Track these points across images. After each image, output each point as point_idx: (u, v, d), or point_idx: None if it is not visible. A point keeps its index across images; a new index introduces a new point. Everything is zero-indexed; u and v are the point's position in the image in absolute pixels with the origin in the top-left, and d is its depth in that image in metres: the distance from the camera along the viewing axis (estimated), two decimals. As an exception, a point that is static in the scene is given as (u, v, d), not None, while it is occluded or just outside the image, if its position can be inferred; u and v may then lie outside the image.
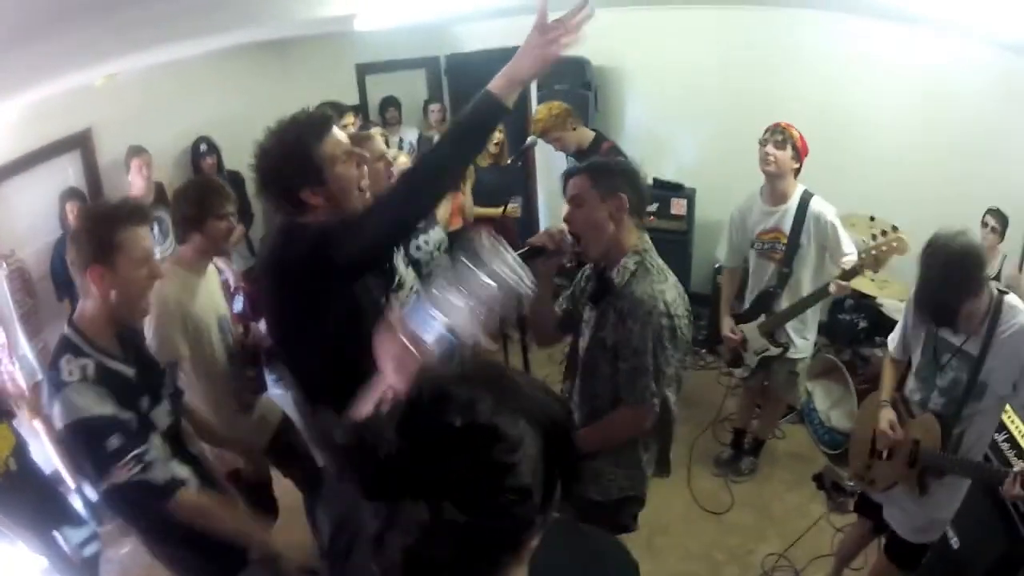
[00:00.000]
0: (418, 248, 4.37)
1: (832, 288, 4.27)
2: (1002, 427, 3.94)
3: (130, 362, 2.63)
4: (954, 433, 3.11)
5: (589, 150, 5.21)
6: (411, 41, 8.10)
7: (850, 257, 4.31)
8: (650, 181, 6.53)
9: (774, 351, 4.80)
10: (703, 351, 6.71)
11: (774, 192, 4.51)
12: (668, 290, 2.87)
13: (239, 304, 5.20)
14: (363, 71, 8.42)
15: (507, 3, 6.07)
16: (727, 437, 5.62)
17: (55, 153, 5.69)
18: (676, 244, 6.69)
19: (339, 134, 2.56)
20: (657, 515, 4.64)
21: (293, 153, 2.42)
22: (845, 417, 5.46)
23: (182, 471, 2.70)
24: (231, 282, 5.36)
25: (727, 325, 4.92)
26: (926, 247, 2.95)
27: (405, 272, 3.50)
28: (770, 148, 4.35)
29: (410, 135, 7.72)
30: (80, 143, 5.96)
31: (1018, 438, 3.80)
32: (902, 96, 6.06)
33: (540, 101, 6.41)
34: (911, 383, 3.40)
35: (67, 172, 5.86)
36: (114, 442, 2.39)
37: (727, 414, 5.67)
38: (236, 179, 5.73)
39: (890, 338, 3.62)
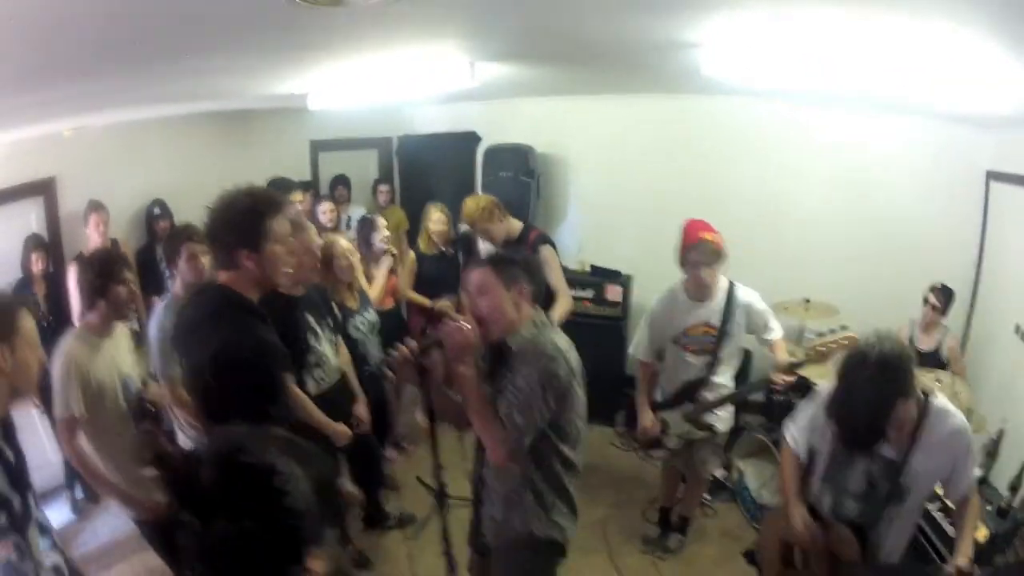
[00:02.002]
0: (356, 328, 4.91)
1: (777, 380, 4.33)
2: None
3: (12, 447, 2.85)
4: (871, 538, 3.01)
5: (518, 240, 5.41)
6: (365, 121, 8.30)
7: (776, 334, 4.47)
8: (588, 268, 7.60)
9: (699, 435, 4.81)
10: (628, 431, 6.62)
11: (700, 289, 4.56)
12: (559, 340, 3.06)
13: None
14: (317, 148, 8.68)
15: (454, 89, 6.49)
16: (654, 515, 5.52)
17: (18, 196, 5.88)
18: (611, 330, 6.91)
19: (286, 220, 2.93)
20: None
21: (245, 217, 2.81)
22: (776, 495, 5.37)
23: (53, 558, 2.87)
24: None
25: (647, 418, 4.89)
26: (847, 363, 2.83)
27: (327, 351, 4.25)
28: (704, 271, 4.41)
29: (357, 213, 7.64)
30: (43, 190, 6.12)
31: (951, 505, 3.72)
32: (835, 176, 6.43)
33: (485, 188, 6.71)
34: (817, 486, 3.25)
35: (29, 217, 6.02)
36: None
37: (654, 493, 5.67)
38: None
39: (789, 434, 3.44)
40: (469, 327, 2.89)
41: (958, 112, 5.38)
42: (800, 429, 3.38)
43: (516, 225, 5.50)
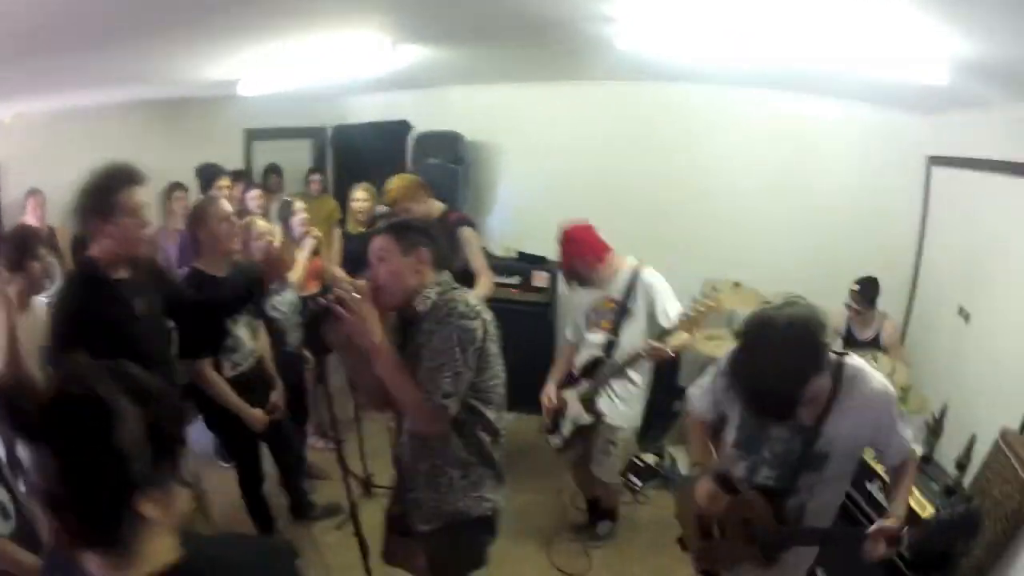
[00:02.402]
0: (275, 308, 5.06)
1: (645, 349, 4.42)
2: (874, 475, 4.02)
3: None
4: (791, 505, 2.85)
5: (438, 221, 5.45)
6: (300, 111, 8.53)
7: (670, 321, 4.43)
8: (515, 254, 7.63)
9: (586, 420, 4.80)
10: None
11: (596, 284, 4.75)
12: (470, 298, 3.09)
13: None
14: (252, 136, 8.75)
15: (380, 72, 6.64)
16: (583, 502, 5.46)
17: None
18: (538, 316, 7.01)
19: (139, 193, 3.25)
20: None
21: (98, 190, 3.19)
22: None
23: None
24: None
25: (547, 391, 4.97)
26: (749, 327, 2.58)
27: (244, 335, 4.40)
28: (578, 290, 4.84)
29: (287, 202, 8.21)
30: (-15, 175, 6.37)
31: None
32: (771, 161, 6.57)
33: (417, 174, 6.77)
34: (730, 453, 3.05)
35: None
36: None
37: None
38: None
39: (693, 396, 3.30)
40: (357, 295, 2.89)
41: (890, 90, 5.51)
42: (704, 392, 3.22)
43: (437, 206, 5.64)
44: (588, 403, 4.76)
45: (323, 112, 9.10)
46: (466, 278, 5.12)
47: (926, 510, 3.70)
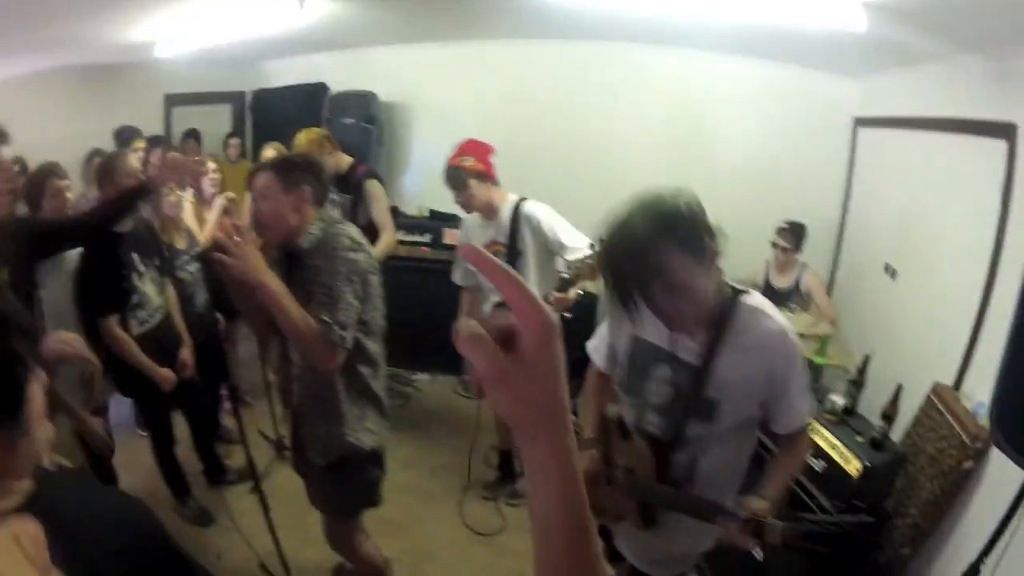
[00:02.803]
0: (183, 269, 5.00)
1: (549, 301, 4.18)
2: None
3: None
4: (678, 460, 2.59)
5: (347, 174, 5.65)
6: (219, 76, 8.79)
7: (577, 251, 4.28)
8: (426, 213, 7.67)
9: None
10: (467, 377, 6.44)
11: (467, 203, 4.76)
12: (352, 231, 3.17)
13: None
14: (172, 102, 8.93)
15: (305, 37, 7.06)
16: (495, 459, 5.48)
17: None
18: (450, 275, 6.70)
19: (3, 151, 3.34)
20: (424, 541, 4.75)
21: None
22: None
23: None
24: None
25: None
26: (621, 206, 2.37)
27: (149, 291, 4.36)
28: (458, 196, 4.73)
29: (207, 165, 8.04)
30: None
31: (815, 439, 3.67)
32: (682, 120, 6.77)
33: (331, 134, 6.83)
34: (622, 399, 2.83)
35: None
36: None
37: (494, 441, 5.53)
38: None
39: (591, 347, 3.04)
40: (238, 237, 2.90)
41: (817, 52, 5.80)
42: (600, 339, 2.97)
43: (345, 160, 5.75)
44: None
45: (243, 77, 9.26)
46: (371, 231, 5.28)
47: (851, 463, 3.61)
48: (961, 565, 2.60)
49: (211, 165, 6.18)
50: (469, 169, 4.63)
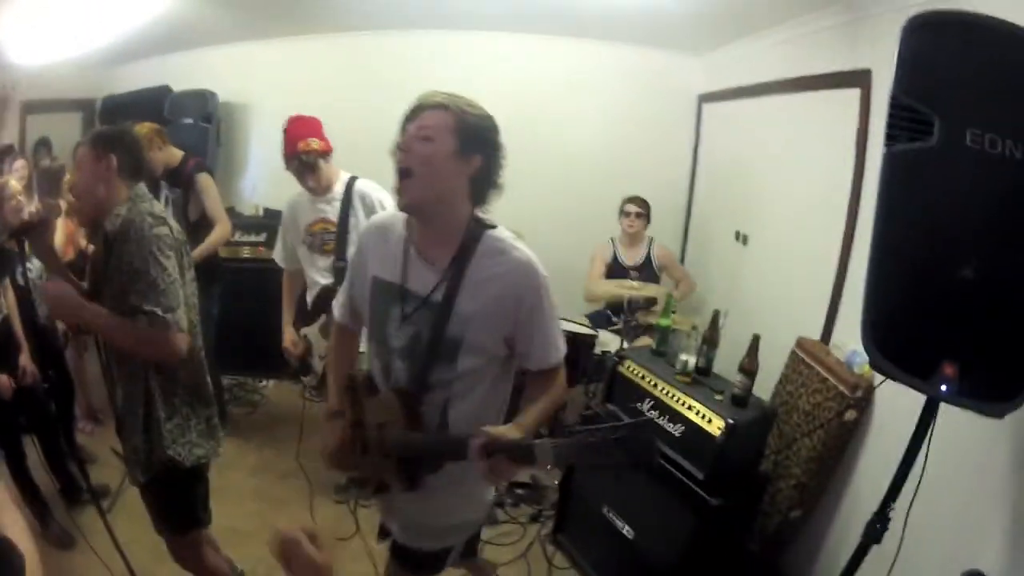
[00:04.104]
0: (24, 274, 4.71)
1: None
2: (645, 394, 3.76)
3: None
4: (427, 407, 2.44)
5: (178, 168, 5.51)
6: (71, 84, 8.63)
7: None
8: (261, 212, 7.52)
9: None
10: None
11: (318, 184, 4.48)
12: (156, 207, 2.95)
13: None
14: (26, 110, 8.63)
15: (149, 40, 6.95)
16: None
17: None
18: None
19: None
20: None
21: None
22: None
23: None
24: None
25: (288, 336, 4.62)
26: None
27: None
28: (307, 180, 4.48)
29: (58, 174, 7.71)
30: None
31: (669, 402, 3.61)
32: (535, 104, 6.77)
33: (169, 136, 6.86)
34: (371, 349, 2.63)
35: None
36: None
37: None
38: None
39: (335, 304, 2.85)
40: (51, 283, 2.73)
41: (657, 30, 5.91)
42: (342, 289, 2.82)
43: (176, 154, 5.59)
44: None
45: (93, 84, 9.11)
46: (204, 225, 5.27)
47: (711, 423, 3.34)
48: (862, 517, 2.46)
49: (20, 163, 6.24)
50: (319, 151, 4.44)
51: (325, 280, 4.52)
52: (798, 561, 3.84)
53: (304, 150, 4.38)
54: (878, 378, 2.54)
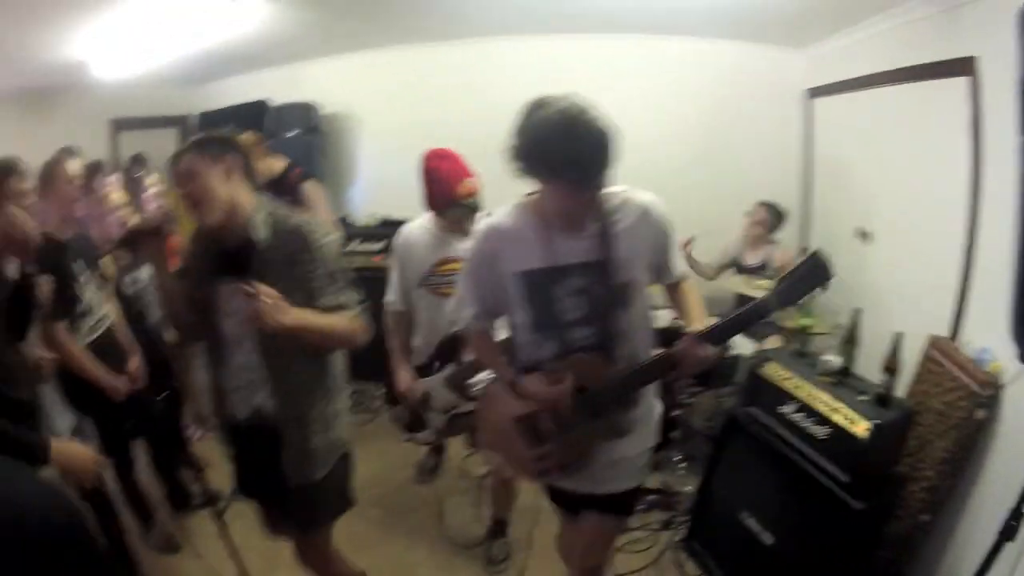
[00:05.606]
0: (131, 283, 4.85)
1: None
2: (789, 397, 3.70)
3: None
4: (620, 356, 2.69)
5: (281, 178, 5.38)
6: (165, 100, 8.77)
7: None
8: (377, 221, 7.57)
9: (469, 406, 3.98)
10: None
11: (472, 226, 3.85)
12: (311, 217, 2.98)
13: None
14: (118, 127, 8.84)
15: (244, 55, 6.99)
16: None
17: None
18: None
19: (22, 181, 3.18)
20: (400, 556, 4.50)
21: None
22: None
23: None
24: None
25: (405, 379, 4.20)
26: (536, 111, 2.43)
27: (94, 301, 4.06)
28: (467, 225, 3.97)
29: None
30: None
31: (814, 404, 3.54)
32: (648, 104, 6.65)
33: (273, 149, 6.93)
34: (529, 342, 2.79)
35: None
36: None
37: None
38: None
39: (467, 314, 2.90)
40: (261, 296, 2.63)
41: (760, 25, 5.73)
42: (475, 304, 2.88)
43: (279, 164, 5.49)
44: (462, 385, 4.06)
45: (188, 100, 9.15)
46: None
47: (857, 424, 3.27)
48: (985, 523, 2.49)
49: (151, 179, 6.26)
50: (478, 191, 3.99)
51: (450, 326, 4.04)
52: (922, 566, 3.70)
53: (469, 193, 3.96)
54: (1007, 376, 2.79)
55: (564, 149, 2.30)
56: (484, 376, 3.64)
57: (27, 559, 1.33)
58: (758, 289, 4.76)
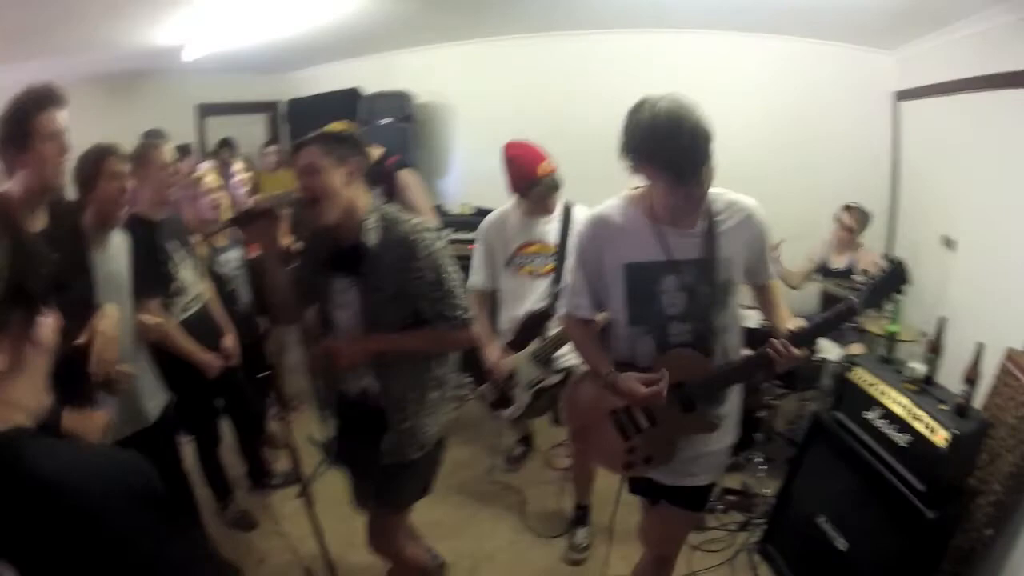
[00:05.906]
0: (223, 265, 4.83)
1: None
2: (875, 403, 3.67)
3: None
4: (718, 351, 2.78)
5: (377, 165, 5.25)
6: (253, 86, 8.87)
7: None
8: (472, 210, 7.62)
9: (554, 379, 4.28)
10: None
11: (554, 206, 4.36)
12: (422, 220, 3.04)
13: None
14: (205, 112, 8.89)
15: (335, 44, 7.13)
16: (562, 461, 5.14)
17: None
18: None
19: (59, 115, 2.88)
20: (479, 543, 4.50)
21: (12, 116, 2.79)
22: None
23: None
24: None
25: (494, 353, 4.35)
26: (643, 109, 2.54)
27: (189, 279, 4.16)
28: (550, 205, 4.33)
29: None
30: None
31: (898, 411, 3.50)
32: (736, 104, 6.40)
33: (365, 137, 7.12)
34: (626, 334, 2.84)
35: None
36: None
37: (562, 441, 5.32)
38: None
39: (570, 304, 2.98)
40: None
41: (851, 26, 5.67)
42: (575, 290, 2.94)
43: (374, 151, 5.30)
44: (546, 360, 4.27)
45: (277, 87, 9.26)
46: None
47: (937, 433, 3.24)
48: None
49: (239, 165, 6.15)
50: (556, 172, 4.31)
51: (534, 304, 4.39)
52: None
53: (549, 171, 4.25)
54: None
55: (672, 146, 2.40)
56: (567, 350, 4.00)
57: (141, 513, 1.36)
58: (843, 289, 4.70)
